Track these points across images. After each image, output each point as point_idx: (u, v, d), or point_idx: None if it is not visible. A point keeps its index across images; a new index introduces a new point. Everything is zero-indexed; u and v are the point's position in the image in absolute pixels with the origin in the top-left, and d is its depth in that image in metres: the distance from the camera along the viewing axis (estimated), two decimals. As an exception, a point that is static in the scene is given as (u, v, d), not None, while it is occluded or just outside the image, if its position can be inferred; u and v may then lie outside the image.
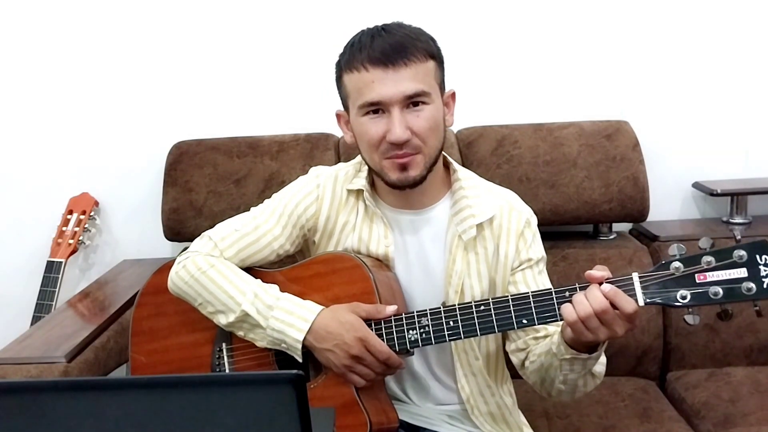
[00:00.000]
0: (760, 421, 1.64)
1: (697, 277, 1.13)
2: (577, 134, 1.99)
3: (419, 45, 1.26)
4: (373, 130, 1.27)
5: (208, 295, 1.33)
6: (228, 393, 0.76)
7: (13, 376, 1.47)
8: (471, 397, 1.39)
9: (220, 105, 2.16)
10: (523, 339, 1.35)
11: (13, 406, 0.77)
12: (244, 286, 1.32)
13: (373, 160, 1.30)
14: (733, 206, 2.12)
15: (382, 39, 1.25)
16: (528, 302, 1.21)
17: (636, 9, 2.11)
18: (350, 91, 1.29)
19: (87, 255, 2.25)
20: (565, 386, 1.27)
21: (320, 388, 1.30)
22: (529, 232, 1.38)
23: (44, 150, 2.19)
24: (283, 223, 1.40)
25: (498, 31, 2.13)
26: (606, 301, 1.12)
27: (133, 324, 1.45)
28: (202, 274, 1.34)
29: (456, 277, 1.34)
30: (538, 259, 1.38)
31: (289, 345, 1.28)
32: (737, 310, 1.87)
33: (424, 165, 1.29)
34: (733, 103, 2.16)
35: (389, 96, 1.23)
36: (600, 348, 1.21)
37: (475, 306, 1.23)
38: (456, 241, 1.34)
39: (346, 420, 1.26)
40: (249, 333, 1.32)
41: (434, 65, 1.29)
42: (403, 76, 1.23)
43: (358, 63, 1.25)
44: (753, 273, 1.10)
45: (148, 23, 2.13)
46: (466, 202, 1.35)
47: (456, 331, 1.24)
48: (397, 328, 1.27)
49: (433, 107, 1.28)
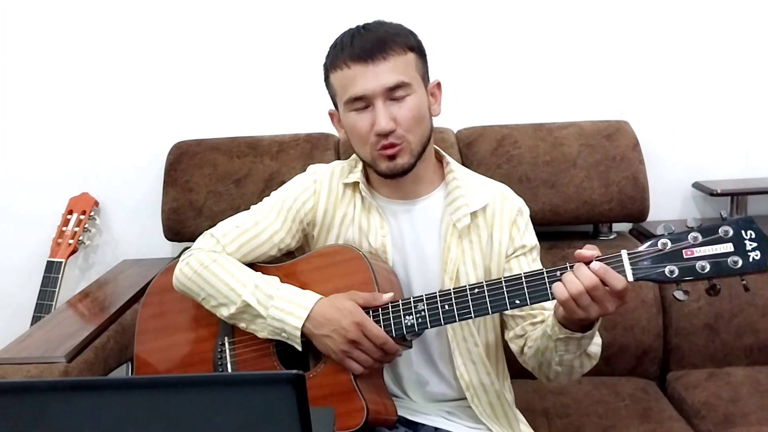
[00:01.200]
0: (760, 421, 1.64)
1: (684, 252, 1.15)
2: (577, 134, 1.99)
3: (398, 39, 1.32)
4: (361, 123, 1.32)
5: (210, 289, 1.36)
6: (228, 393, 0.76)
7: (13, 376, 1.47)
8: (471, 385, 1.40)
9: (220, 105, 2.16)
10: (521, 325, 1.37)
11: (13, 406, 0.77)
12: (245, 278, 1.35)
13: (365, 152, 1.36)
14: (733, 206, 2.12)
15: (362, 37, 1.32)
16: (520, 283, 1.24)
17: (636, 9, 2.12)
18: (336, 89, 1.35)
19: (87, 255, 2.25)
20: (561, 368, 1.29)
21: (319, 377, 1.32)
22: (522, 220, 1.42)
23: (44, 150, 2.19)
24: (283, 218, 1.43)
25: (498, 32, 2.13)
26: (596, 277, 1.14)
27: (139, 323, 1.47)
28: (204, 269, 1.37)
29: (451, 265, 1.37)
30: (531, 247, 1.42)
31: (288, 333, 1.31)
32: (737, 310, 1.90)
33: (410, 153, 1.33)
34: (733, 103, 2.16)
35: (371, 89, 1.29)
36: (594, 327, 1.23)
37: (469, 289, 1.27)
38: (450, 230, 1.38)
39: (344, 407, 1.28)
40: (251, 324, 1.35)
41: (414, 57, 1.34)
42: (383, 69, 1.29)
43: (340, 61, 1.31)
44: (739, 248, 1.13)
45: (148, 23, 2.13)
46: (459, 192, 1.39)
47: (451, 314, 1.27)
48: (394, 314, 1.30)
49: (415, 97, 1.32)
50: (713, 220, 2.13)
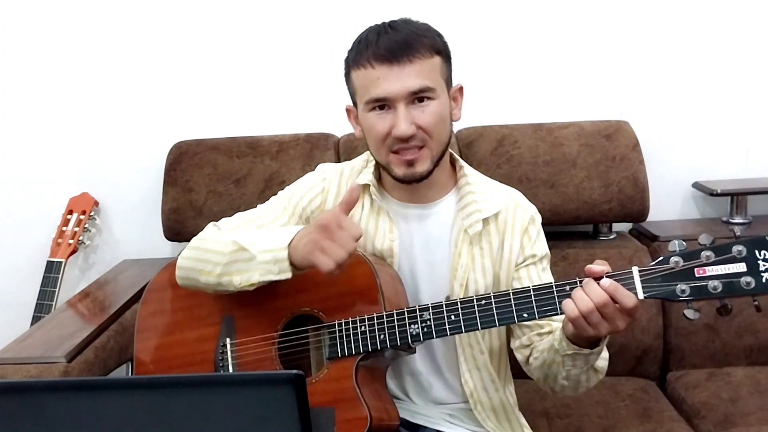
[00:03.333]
0: (760, 421, 1.64)
1: (696, 271, 1.13)
2: (577, 134, 1.99)
3: (424, 41, 1.28)
4: (380, 125, 1.29)
5: (203, 255, 1.33)
6: (228, 393, 0.76)
7: (13, 376, 1.47)
8: (475, 391, 1.39)
9: (220, 105, 2.16)
10: (527, 335, 1.35)
11: (13, 406, 0.77)
12: (230, 237, 1.33)
13: (380, 154, 1.33)
14: (733, 206, 2.12)
15: (388, 36, 1.27)
16: (529, 296, 1.21)
17: (636, 9, 2.11)
18: (357, 87, 1.32)
19: (87, 255, 2.25)
20: (568, 382, 1.27)
21: (321, 383, 1.31)
22: (534, 229, 1.40)
23: (44, 150, 2.19)
24: (289, 213, 1.42)
25: (498, 32, 2.13)
26: (606, 295, 1.12)
27: (138, 321, 1.46)
28: (198, 241, 1.37)
29: (461, 271, 1.35)
30: (542, 256, 1.40)
31: (277, 260, 1.25)
32: (737, 310, 1.90)
33: (430, 160, 1.31)
34: (733, 103, 2.15)
35: (394, 92, 1.26)
36: (602, 343, 1.21)
37: (476, 300, 1.24)
38: (462, 236, 1.36)
39: (347, 414, 1.26)
40: (244, 273, 1.29)
41: (440, 61, 1.31)
42: (408, 73, 1.26)
43: (364, 60, 1.28)
44: (752, 268, 1.11)
45: (148, 24, 2.13)
46: (472, 197, 1.37)
47: (457, 325, 1.25)
48: (399, 322, 1.28)
49: (438, 102, 1.29)
50: (713, 220, 2.16)
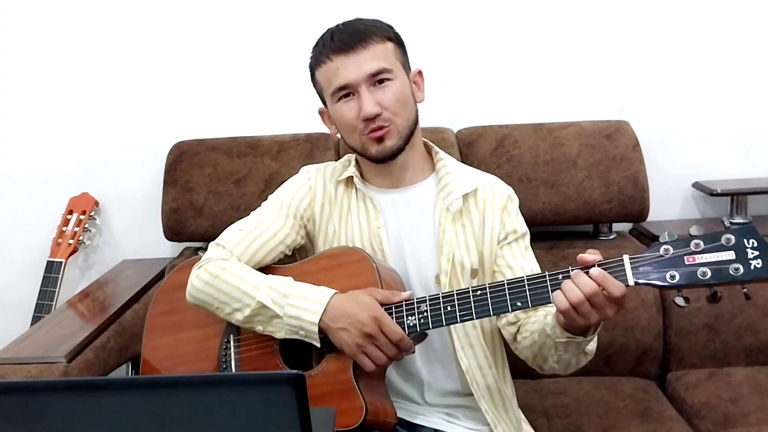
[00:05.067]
0: (760, 421, 1.64)
1: (686, 258, 1.16)
2: (577, 134, 1.99)
3: (376, 30, 1.37)
4: (348, 112, 1.37)
5: (223, 297, 1.36)
6: (228, 393, 0.76)
7: (13, 376, 1.47)
8: (470, 369, 1.42)
9: (220, 105, 2.16)
10: (513, 312, 1.37)
11: (13, 406, 0.77)
12: (257, 281, 1.36)
13: (354, 140, 1.40)
14: (733, 206, 2.12)
15: (341, 31, 1.38)
16: (522, 286, 1.25)
17: (636, 9, 2.12)
18: (322, 84, 1.40)
19: (87, 255, 2.25)
20: (558, 365, 1.32)
21: (320, 376, 1.33)
22: (512, 207, 1.46)
23: (44, 150, 2.19)
24: (285, 215, 1.46)
25: (498, 32, 2.13)
26: (595, 284, 1.15)
27: (148, 320, 1.49)
28: (215, 279, 1.37)
29: (447, 246, 1.40)
30: (523, 233, 1.45)
31: (306, 330, 1.30)
32: (738, 310, 1.90)
33: (398, 135, 1.37)
34: (733, 103, 2.15)
35: (354, 77, 1.34)
36: (594, 329, 1.24)
37: (471, 291, 1.28)
38: (444, 213, 1.42)
39: (343, 405, 1.28)
40: (267, 326, 1.34)
41: (393, 46, 1.39)
42: (364, 58, 1.34)
43: (323, 57, 1.38)
44: (741, 255, 1.14)
45: (148, 23, 2.13)
46: (450, 178, 1.44)
47: (453, 315, 1.29)
48: (397, 314, 1.31)
49: (398, 82, 1.37)
50: (713, 220, 2.16)
